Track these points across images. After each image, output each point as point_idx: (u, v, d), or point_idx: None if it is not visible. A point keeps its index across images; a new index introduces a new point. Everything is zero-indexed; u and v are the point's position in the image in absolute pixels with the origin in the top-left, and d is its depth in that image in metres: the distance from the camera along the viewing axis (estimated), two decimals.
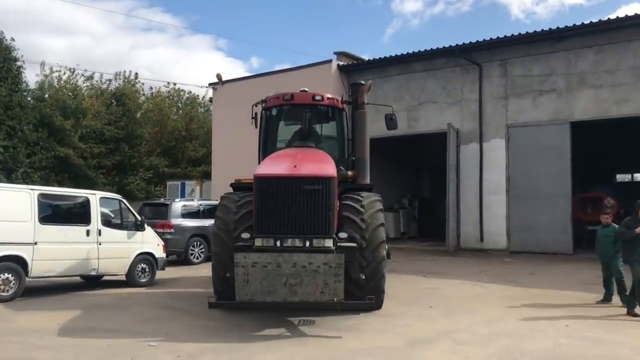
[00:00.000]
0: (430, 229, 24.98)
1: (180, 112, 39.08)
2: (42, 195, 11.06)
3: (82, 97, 30.38)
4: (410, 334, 7.57)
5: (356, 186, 9.92)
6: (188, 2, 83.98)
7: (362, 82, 10.85)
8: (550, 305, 9.76)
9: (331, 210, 7.82)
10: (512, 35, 19.01)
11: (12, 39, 27.06)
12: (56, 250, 10.96)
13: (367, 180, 10.28)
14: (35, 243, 10.65)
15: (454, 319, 8.64)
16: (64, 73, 31.63)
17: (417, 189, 27.68)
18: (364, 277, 8.32)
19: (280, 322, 8.12)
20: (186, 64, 77.53)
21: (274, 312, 8.50)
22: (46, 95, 29.84)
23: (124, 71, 35.83)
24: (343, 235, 7.99)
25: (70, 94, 30.11)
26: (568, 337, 7.44)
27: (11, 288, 10.38)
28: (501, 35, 19.21)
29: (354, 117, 10.55)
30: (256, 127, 10.90)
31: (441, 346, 6.97)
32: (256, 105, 10.83)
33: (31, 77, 77.77)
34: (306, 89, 10.50)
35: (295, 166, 8.15)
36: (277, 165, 8.45)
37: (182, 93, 39.99)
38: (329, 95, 10.57)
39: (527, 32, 18.77)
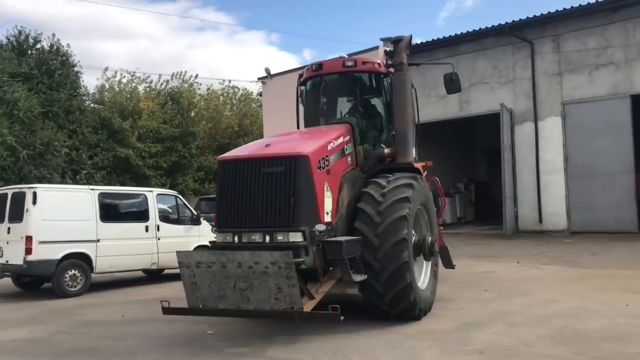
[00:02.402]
0: (488, 212, 24.57)
1: (234, 108, 39.81)
2: (102, 195, 11.57)
3: (138, 99, 31.38)
4: (463, 317, 7.53)
5: (393, 166, 8.20)
6: (239, 0, 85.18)
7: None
8: (612, 285, 9.47)
9: (299, 197, 6.47)
10: (564, 9, 18.38)
11: (68, 45, 28.25)
12: (118, 246, 11.44)
13: (410, 158, 8.34)
14: (98, 240, 11.17)
15: (508, 301, 8.52)
16: (123, 76, 32.83)
17: (472, 172, 27.23)
18: (361, 278, 6.73)
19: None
20: (240, 61, 78.90)
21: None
22: (105, 98, 30.99)
23: (181, 72, 36.85)
24: (321, 227, 6.51)
25: (128, 95, 31.17)
26: (628, 316, 7.22)
27: (78, 284, 10.95)
28: (553, 10, 18.65)
29: (391, 80, 8.71)
30: (297, 107, 9.65)
31: (493, 328, 6.90)
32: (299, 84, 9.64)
33: (93, 81, 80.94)
34: (345, 55, 9.17)
35: (267, 146, 7.08)
36: (251, 147, 7.40)
37: (236, 90, 40.80)
38: (365, 59, 8.94)
39: (580, 5, 18.10)
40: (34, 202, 10.54)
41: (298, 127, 9.49)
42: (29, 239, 10.41)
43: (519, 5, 79.67)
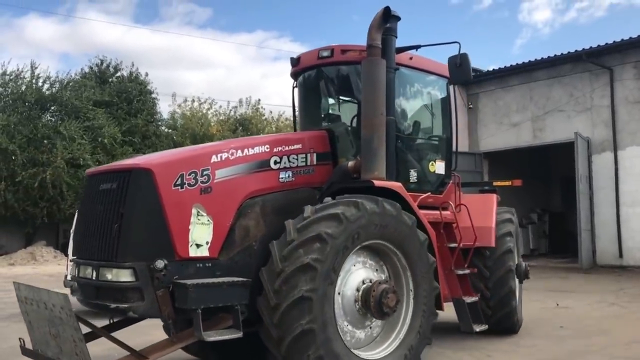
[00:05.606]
0: (563, 244, 23.59)
1: None
2: None
3: (209, 124, 32.34)
4: (537, 355, 7.12)
5: (351, 185, 5.91)
6: (314, 31, 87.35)
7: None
8: None
9: (129, 222, 4.85)
10: None
11: (146, 74, 29.61)
12: None
13: (376, 174, 5.83)
14: None
15: (587, 340, 8.01)
16: (194, 102, 33.99)
17: (546, 202, 26.28)
18: (218, 337, 4.74)
19: None
20: None
21: None
22: (177, 124, 32.15)
23: (248, 97, 38.03)
24: (160, 264, 4.74)
25: (199, 122, 32.21)
26: None
27: None
28: (635, 36, 17.90)
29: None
30: (293, 110, 7.82)
31: None
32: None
33: (169, 108, 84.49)
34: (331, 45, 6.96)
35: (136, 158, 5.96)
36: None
37: None
38: (347, 47, 6.71)
39: None
40: None
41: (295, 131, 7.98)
42: None
43: (598, 34, 77.35)
